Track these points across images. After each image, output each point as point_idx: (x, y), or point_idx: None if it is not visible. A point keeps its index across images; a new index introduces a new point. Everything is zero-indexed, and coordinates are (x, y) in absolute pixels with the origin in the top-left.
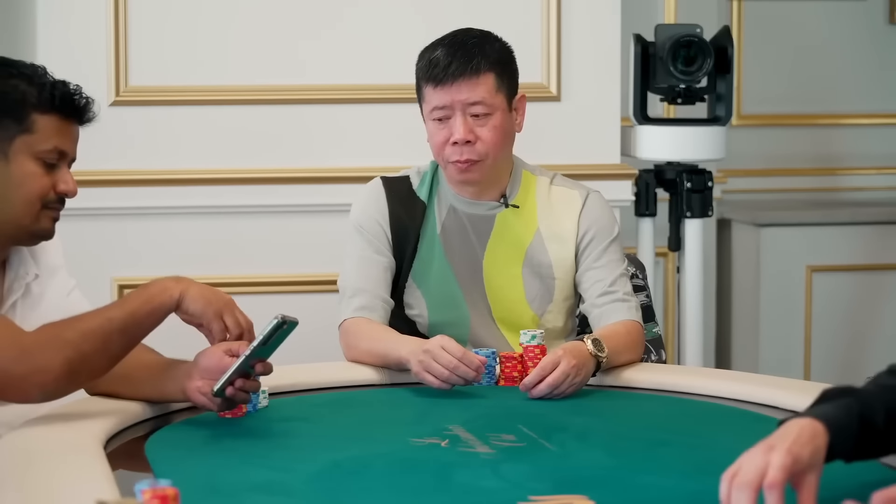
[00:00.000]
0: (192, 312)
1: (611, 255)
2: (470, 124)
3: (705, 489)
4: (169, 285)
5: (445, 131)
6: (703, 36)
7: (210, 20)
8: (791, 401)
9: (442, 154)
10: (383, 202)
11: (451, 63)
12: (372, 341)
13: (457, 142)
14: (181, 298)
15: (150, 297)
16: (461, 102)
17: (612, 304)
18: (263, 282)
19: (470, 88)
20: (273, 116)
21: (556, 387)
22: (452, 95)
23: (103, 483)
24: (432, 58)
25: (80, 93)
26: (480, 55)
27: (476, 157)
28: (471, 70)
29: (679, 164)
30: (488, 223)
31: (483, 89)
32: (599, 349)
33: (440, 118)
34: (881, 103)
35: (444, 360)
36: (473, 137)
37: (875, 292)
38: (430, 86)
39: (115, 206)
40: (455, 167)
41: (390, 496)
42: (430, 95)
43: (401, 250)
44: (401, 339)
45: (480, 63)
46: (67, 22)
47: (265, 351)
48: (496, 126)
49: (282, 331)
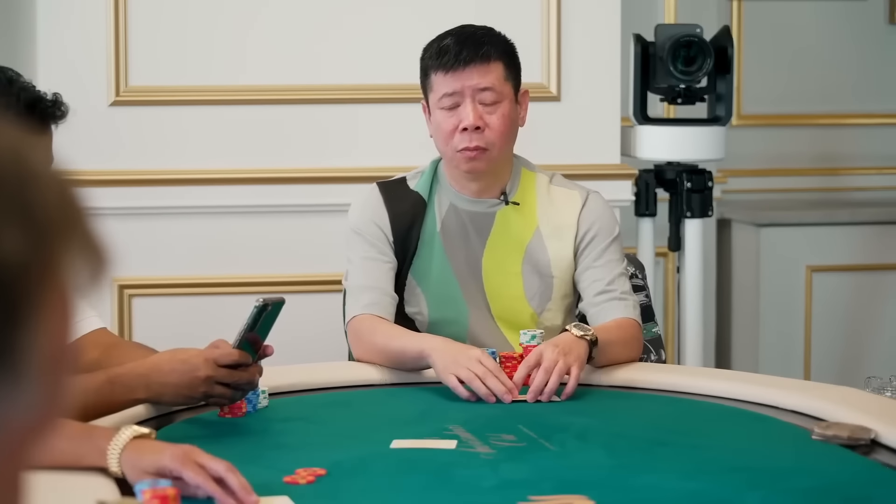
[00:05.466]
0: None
1: (610, 254)
2: (479, 111)
3: (705, 489)
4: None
5: (454, 119)
6: (703, 36)
7: (210, 20)
8: (791, 401)
9: (450, 142)
10: (381, 206)
11: (462, 50)
12: (388, 338)
13: (466, 128)
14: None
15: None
16: (471, 88)
17: (610, 303)
18: (264, 282)
19: (481, 74)
20: (274, 116)
21: (550, 371)
22: (463, 81)
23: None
24: (442, 45)
25: (40, 103)
26: (490, 44)
27: (484, 144)
28: (481, 57)
29: (679, 164)
30: (488, 221)
31: (493, 76)
32: (583, 329)
33: (449, 106)
34: (881, 103)
35: (478, 368)
36: (483, 124)
37: (875, 292)
38: (441, 72)
39: (116, 206)
40: (463, 155)
41: (390, 496)
42: (440, 82)
43: (403, 250)
44: (418, 335)
45: (490, 51)
46: (67, 22)
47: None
48: (505, 115)
49: (267, 313)
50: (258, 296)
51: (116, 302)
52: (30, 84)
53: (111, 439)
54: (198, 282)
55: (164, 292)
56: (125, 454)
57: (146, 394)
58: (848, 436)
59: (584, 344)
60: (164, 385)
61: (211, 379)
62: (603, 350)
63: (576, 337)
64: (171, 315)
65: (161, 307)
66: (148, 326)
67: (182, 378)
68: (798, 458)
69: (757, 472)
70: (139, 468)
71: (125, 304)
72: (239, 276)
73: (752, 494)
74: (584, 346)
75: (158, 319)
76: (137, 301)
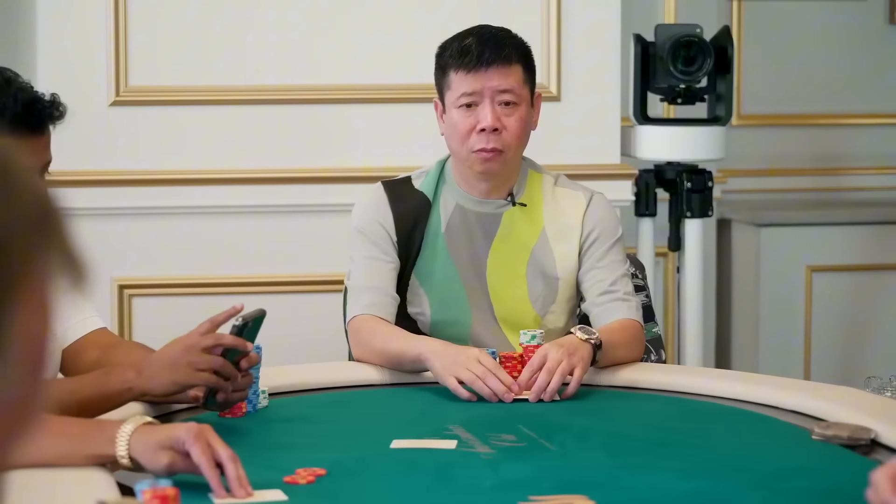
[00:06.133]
0: None
1: (614, 255)
2: (498, 112)
3: (705, 489)
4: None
5: (472, 118)
6: (703, 36)
7: (210, 20)
8: (791, 401)
9: (466, 142)
10: (385, 206)
11: (485, 51)
12: (386, 340)
13: (484, 128)
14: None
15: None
16: (492, 89)
17: (613, 303)
18: (264, 282)
19: (502, 76)
20: (274, 116)
21: (553, 371)
22: (484, 82)
23: (103, 483)
24: (464, 45)
25: (37, 104)
26: (511, 46)
27: (501, 146)
28: (503, 58)
29: (679, 164)
30: (495, 222)
31: (513, 79)
32: (588, 333)
33: (468, 104)
34: (881, 103)
35: (477, 368)
36: (500, 126)
37: (875, 292)
38: (462, 72)
39: (115, 206)
40: (479, 156)
41: (390, 496)
42: (459, 82)
43: (407, 250)
44: (416, 337)
45: (511, 54)
46: (67, 22)
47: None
48: (522, 117)
49: (248, 329)
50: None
51: (116, 302)
52: (28, 84)
53: (119, 426)
54: (198, 282)
55: (164, 292)
56: (134, 438)
57: (137, 378)
58: (848, 436)
59: (589, 347)
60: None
61: (191, 348)
62: (606, 352)
63: (581, 340)
64: (171, 315)
65: (161, 307)
66: (148, 326)
67: (165, 355)
68: (798, 458)
69: (757, 473)
70: (151, 443)
71: (125, 304)
72: (239, 276)
73: (752, 494)
74: (588, 349)
75: (158, 319)
76: (137, 301)
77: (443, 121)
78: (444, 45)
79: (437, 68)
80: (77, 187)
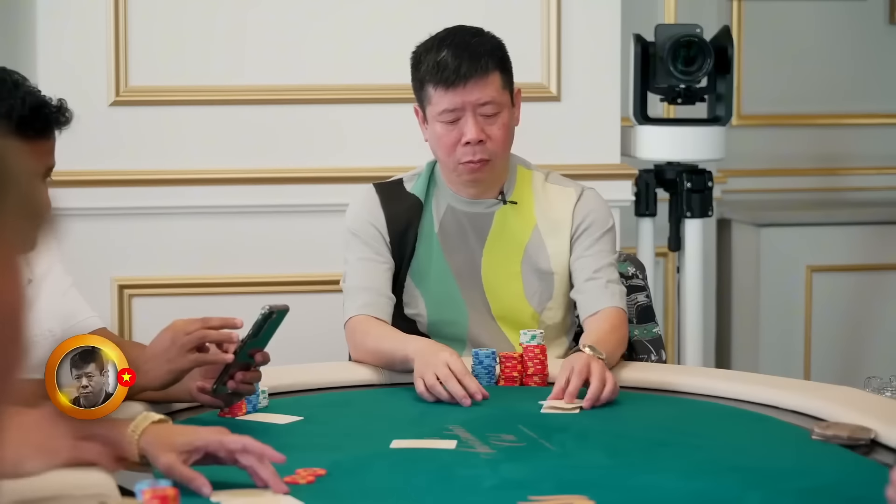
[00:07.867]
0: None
1: (602, 245)
2: (480, 123)
3: (705, 489)
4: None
5: (456, 132)
6: (703, 36)
7: (210, 20)
8: (791, 401)
9: (452, 155)
10: (377, 207)
11: (461, 65)
12: (378, 340)
13: (469, 142)
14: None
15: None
16: (472, 103)
17: (596, 291)
18: (263, 282)
19: (480, 89)
20: (274, 116)
21: (603, 379)
22: (464, 97)
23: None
24: (439, 60)
25: (44, 108)
26: (486, 55)
27: (487, 156)
28: (480, 70)
29: (679, 164)
30: (487, 221)
31: (492, 89)
32: (594, 351)
33: (450, 120)
34: (881, 103)
35: (441, 372)
36: (485, 137)
37: (875, 292)
38: (441, 88)
39: (115, 206)
40: (466, 168)
41: (390, 496)
42: (439, 98)
43: (400, 251)
44: (406, 337)
45: (488, 63)
46: (67, 22)
47: (259, 342)
48: (505, 124)
49: (272, 320)
50: (265, 302)
51: (116, 302)
52: (35, 88)
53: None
54: (197, 282)
55: (163, 292)
56: (145, 437)
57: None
58: (848, 436)
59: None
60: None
61: (177, 333)
62: (609, 361)
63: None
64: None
65: (161, 307)
66: (148, 326)
67: (154, 347)
68: (798, 458)
69: (757, 472)
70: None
71: (125, 304)
72: (239, 276)
73: (752, 494)
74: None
75: (158, 319)
76: (137, 301)
77: (425, 128)
78: (417, 55)
79: (413, 78)
80: (76, 187)
